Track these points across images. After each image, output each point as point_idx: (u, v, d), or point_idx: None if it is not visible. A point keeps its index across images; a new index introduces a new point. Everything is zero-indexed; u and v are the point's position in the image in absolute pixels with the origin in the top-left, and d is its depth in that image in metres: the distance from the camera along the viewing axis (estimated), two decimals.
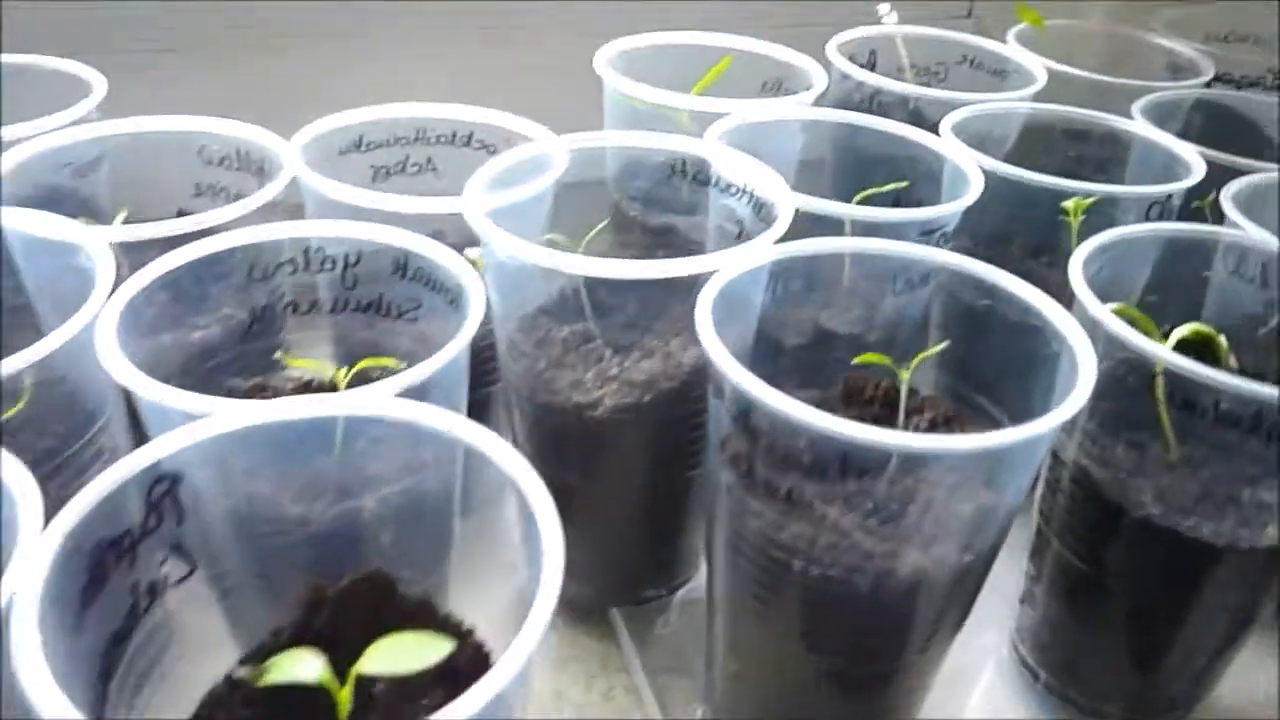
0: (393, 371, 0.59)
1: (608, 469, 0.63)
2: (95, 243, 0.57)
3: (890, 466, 0.49)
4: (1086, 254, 0.61)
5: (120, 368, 0.49)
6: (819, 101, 0.84)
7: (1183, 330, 0.56)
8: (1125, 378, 0.58)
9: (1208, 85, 0.94)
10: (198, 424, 0.45)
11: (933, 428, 0.58)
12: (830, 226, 0.66)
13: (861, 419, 0.58)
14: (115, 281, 0.56)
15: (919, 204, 0.78)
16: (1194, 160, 0.75)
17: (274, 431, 0.47)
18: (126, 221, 0.70)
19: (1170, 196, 0.72)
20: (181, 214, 0.73)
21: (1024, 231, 0.80)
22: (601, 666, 0.67)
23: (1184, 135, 0.91)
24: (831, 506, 0.50)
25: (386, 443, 0.50)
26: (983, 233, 0.78)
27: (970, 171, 0.70)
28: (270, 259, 0.61)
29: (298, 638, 0.50)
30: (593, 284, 0.71)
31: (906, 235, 0.67)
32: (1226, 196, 0.70)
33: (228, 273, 0.62)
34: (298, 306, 0.63)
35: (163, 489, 0.44)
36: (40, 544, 0.38)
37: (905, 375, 0.56)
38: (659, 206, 0.79)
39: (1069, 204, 0.72)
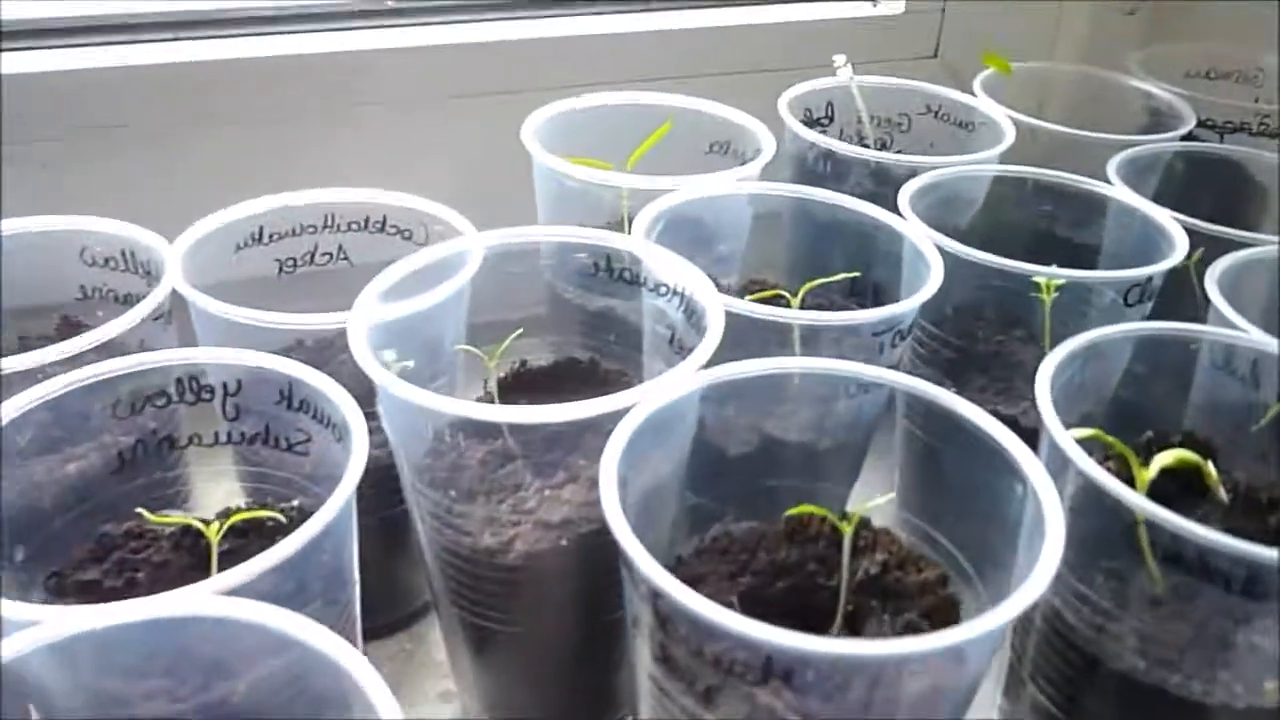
0: (277, 523, 0.53)
1: (526, 612, 0.56)
2: None
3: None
4: (1054, 366, 0.55)
5: None
6: (774, 160, 0.78)
7: (1165, 458, 0.50)
8: (1100, 497, 0.51)
9: (1188, 135, 0.88)
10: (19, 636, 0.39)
11: (884, 571, 0.51)
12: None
13: (804, 560, 0.52)
14: None
15: (875, 284, 0.72)
16: (1175, 233, 0.69)
17: (116, 633, 0.41)
18: (6, 338, 0.65)
19: (1150, 279, 0.65)
20: (64, 320, 0.68)
21: (995, 303, 0.73)
22: None
23: (1165, 187, 0.85)
24: (762, 688, 0.43)
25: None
26: (951, 304, 0.72)
27: (929, 256, 0.64)
28: (139, 391, 0.54)
29: None
30: (511, 387, 0.65)
31: (861, 331, 0.61)
32: (1211, 279, 0.63)
33: (100, 404, 0.55)
34: (175, 441, 0.57)
35: None
36: None
37: (847, 530, 0.49)
38: (597, 289, 0.73)
39: (1040, 280, 0.65)
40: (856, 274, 0.69)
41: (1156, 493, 0.48)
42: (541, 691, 0.61)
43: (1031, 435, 0.51)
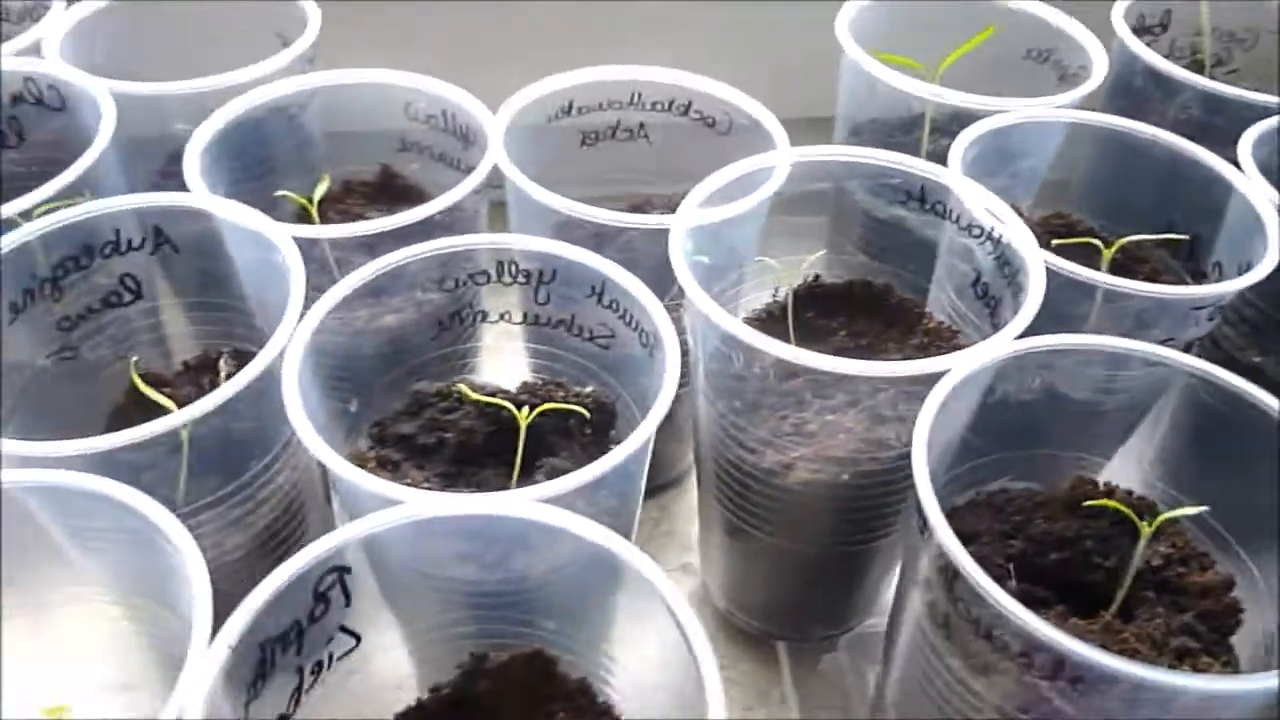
0: (578, 419, 0.56)
1: (790, 527, 0.59)
2: (286, 244, 0.55)
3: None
4: None
5: (312, 440, 0.47)
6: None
7: None
8: None
9: None
10: (364, 522, 0.43)
11: (1166, 565, 0.50)
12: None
13: (1083, 536, 0.52)
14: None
15: (1196, 236, 0.67)
16: None
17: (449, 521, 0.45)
18: (332, 179, 0.70)
19: None
20: (384, 170, 0.72)
21: None
22: (760, 699, 0.66)
23: None
24: (1047, 683, 0.44)
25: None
26: None
27: (1267, 222, 0.59)
28: (464, 267, 0.58)
29: (456, 699, 0.50)
30: (803, 301, 0.65)
31: (1173, 307, 0.57)
32: None
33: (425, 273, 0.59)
34: (487, 315, 0.61)
35: (331, 580, 0.43)
36: (207, 658, 0.38)
37: (1146, 532, 0.48)
38: (887, 195, 0.71)
39: None
40: (1184, 237, 0.65)
41: None
42: (784, 596, 0.65)
43: None
